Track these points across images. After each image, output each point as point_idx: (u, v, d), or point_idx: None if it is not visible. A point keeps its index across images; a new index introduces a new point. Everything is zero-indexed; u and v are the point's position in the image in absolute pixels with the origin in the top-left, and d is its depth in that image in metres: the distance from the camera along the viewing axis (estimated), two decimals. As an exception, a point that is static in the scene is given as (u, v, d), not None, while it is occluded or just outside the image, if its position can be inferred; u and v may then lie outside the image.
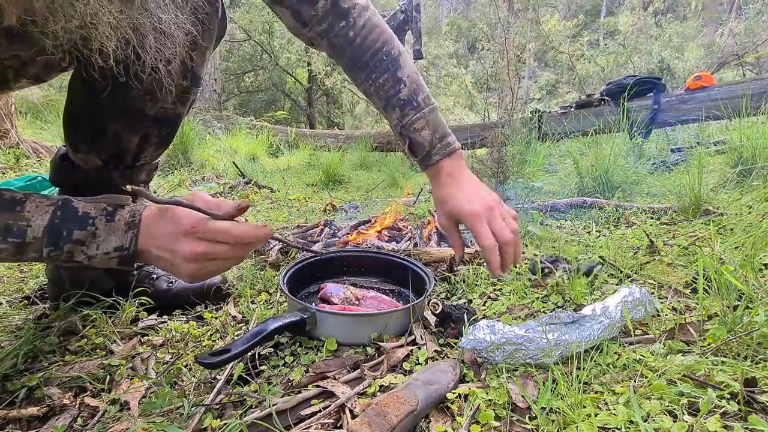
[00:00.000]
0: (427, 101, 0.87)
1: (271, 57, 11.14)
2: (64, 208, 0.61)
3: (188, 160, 3.70)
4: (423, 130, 0.85)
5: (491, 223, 0.80)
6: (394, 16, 4.46)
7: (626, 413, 0.55)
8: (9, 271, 1.32)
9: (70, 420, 0.66)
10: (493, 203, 0.82)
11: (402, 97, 0.86)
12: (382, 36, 0.87)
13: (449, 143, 0.87)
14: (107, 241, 0.62)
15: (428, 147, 0.86)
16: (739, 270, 0.91)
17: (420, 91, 0.87)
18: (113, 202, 0.64)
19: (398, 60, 0.87)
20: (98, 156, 0.89)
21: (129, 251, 0.63)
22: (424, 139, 0.86)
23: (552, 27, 13.77)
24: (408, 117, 0.86)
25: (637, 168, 2.40)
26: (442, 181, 0.87)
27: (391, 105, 0.87)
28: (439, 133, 0.87)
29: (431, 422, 0.60)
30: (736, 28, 9.99)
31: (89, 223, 0.61)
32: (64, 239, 0.60)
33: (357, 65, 0.88)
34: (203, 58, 0.86)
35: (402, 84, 0.86)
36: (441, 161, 0.87)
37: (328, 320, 0.82)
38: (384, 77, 0.86)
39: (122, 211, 0.63)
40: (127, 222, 0.63)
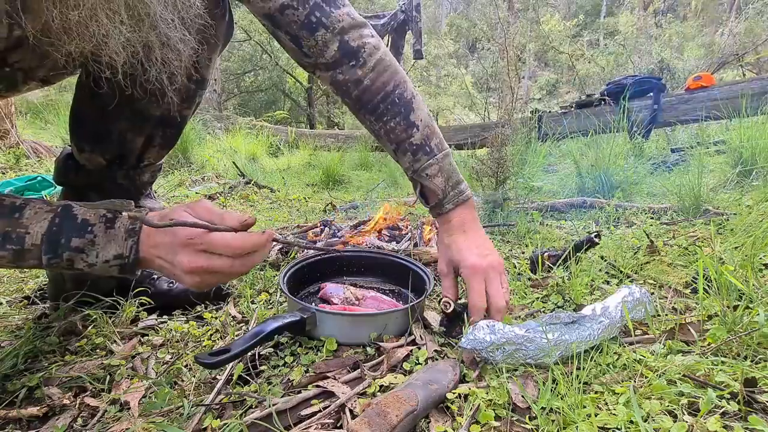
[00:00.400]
0: (441, 147, 0.85)
1: (271, 57, 11.15)
2: (63, 214, 0.60)
3: (188, 160, 3.70)
4: (436, 177, 0.84)
5: (489, 285, 0.79)
6: (394, 16, 4.46)
7: (626, 413, 0.55)
8: (9, 271, 1.32)
9: (70, 420, 0.66)
10: (497, 265, 0.81)
11: (414, 141, 0.83)
12: (394, 78, 0.84)
13: (462, 191, 0.86)
14: (106, 249, 0.61)
15: (441, 195, 0.85)
16: (739, 270, 0.91)
17: (433, 136, 0.85)
18: (114, 207, 0.62)
19: (411, 103, 0.84)
20: (102, 156, 0.90)
21: (129, 260, 0.61)
22: (437, 186, 0.84)
23: (552, 27, 13.77)
24: (420, 162, 0.84)
25: (637, 168, 2.40)
26: (451, 230, 0.86)
27: (402, 149, 0.85)
28: (452, 180, 0.85)
29: (431, 422, 0.60)
30: (736, 28, 9.99)
31: (88, 230, 0.60)
32: (62, 247, 0.59)
33: (366, 107, 0.86)
34: (210, 61, 0.87)
35: (415, 128, 0.83)
36: (453, 210, 0.85)
37: (328, 320, 0.82)
38: (395, 120, 0.84)
39: (122, 217, 0.62)
40: (127, 230, 0.61)
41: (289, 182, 3.55)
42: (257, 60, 12.23)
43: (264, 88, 12.83)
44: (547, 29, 13.19)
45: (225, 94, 11.72)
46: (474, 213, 0.87)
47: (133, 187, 0.98)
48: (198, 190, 2.79)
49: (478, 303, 0.78)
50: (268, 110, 11.60)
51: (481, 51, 14.94)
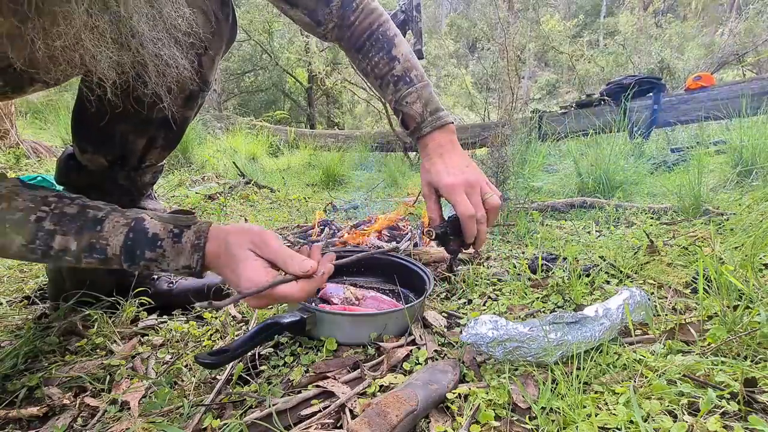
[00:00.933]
0: (420, 78, 0.89)
1: (271, 57, 11.15)
2: (136, 228, 0.66)
3: (188, 160, 3.70)
4: (414, 104, 0.87)
5: (469, 197, 0.81)
6: (395, 16, 4.46)
7: (626, 413, 0.55)
8: (9, 271, 1.32)
9: (70, 420, 0.66)
10: (474, 179, 0.82)
11: (396, 73, 0.88)
12: (378, 19, 0.91)
13: (440, 117, 0.88)
14: (176, 261, 0.67)
15: (419, 119, 0.87)
16: (739, 270, 0.91)
17: (413, 69, 0.89)
18: (179, 222, 0.68)
19: (393, 40, 0.90)
20: (104, 157, 0.90)
21: (196, 269, 0.68)
22: (415, 112, 0.87)
23: (552, 27, 13.77)
24: (401, 92, 0.88)
25: (637, 168, 2.40)
26: (430, 153, 0.88)
27: (385, 82, 0.90)
28: (430, 107, 0.88)
29: (431, 422, 0.60)
30: (736, 28, 9.99)
31: (158, 245, 0.66)
32: (138, 258, 0.66)
33: (355, 46, 0.92)
34: (212, 63, 0.87)
35: (396, 61, 0.88)
36: (431, 133, 0.88)
37: (328, 320, 0.82)
38: (379, 56, 0.89)
39: (188, 232, 0.68)
40: (193, 244, 0.67)
41: (289, 182, 3.55)
42: (257, 60, 12.22)
43: (264, 88, 12.82)
44: (547, 29, 13.18)
45: (225, 94, 11.71)
46: (452, 137, 0.89)
47: (134, 188, 0.98)
48: (198, 190, 2.79)
49: (465, 212, 0.80)
50: (268, 110, 11.58)
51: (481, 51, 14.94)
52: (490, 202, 0.82)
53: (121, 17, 0.56)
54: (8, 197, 0.63)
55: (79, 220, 0.65)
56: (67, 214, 0.65)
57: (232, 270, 0.65)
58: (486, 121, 5.33)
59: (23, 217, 0.63)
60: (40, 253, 0.64)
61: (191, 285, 1.06)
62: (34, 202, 0.64)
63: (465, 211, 0.80)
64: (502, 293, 1.06)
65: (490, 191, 0.83)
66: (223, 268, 0.67)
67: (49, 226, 0.64)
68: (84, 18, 0.54)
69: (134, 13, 0.57)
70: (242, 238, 0.66)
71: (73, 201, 0.66)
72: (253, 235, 0.67)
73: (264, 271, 0.64)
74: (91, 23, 0.55)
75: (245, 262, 0.64)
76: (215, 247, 0.67)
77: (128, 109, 0.81)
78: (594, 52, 12.81)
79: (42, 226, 0.63)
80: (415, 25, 4.43)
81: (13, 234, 0.62)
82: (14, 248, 0.63)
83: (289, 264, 0.65)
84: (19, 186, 0.66)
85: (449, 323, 0.92)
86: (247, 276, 0.63)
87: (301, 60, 10.82)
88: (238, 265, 0.65)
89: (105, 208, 0.68)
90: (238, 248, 0.66)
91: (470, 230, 0.80)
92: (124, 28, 0.58)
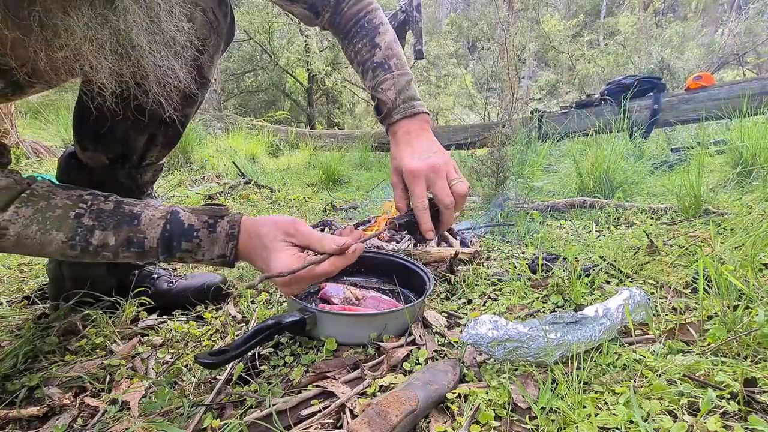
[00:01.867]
0: (399, 66, 0.89)
1: (271, 57, 11.15)
2: (173, 220, 0.69)
3: (188, 160, 3.70)
4: (389, 90, 0.87)
5: (432, 185, 0.79)
6: (394, 16, 4.46)
7: (626, 413, 0.55)
8: (9, 271, 1.32)
9: (70, 420, 0.66)
10: (439, 164, 0.80)
11: (376, 60, 0.89)
12: (367, 7, 0.92)
13: (413, 105, 0.87)
14: (211, 250, 0.70)
15: (390, 105, 0.87)
16: (739, 270, 0.91)
17: (394, 57, 0.89)
18: (214, 213, 0.72)
19: (378, 28, 0.91)
20: (105, 155, 0.91)
21: (230, 258, 0.71)
22: (387, 98, 0.87)
23: (552, 27, 13.76)
24: (378, 78, 0.88)
25: (637, 168, 2.40)
26: (398, 140, 0.86)
27: (365, 68, 0.90)
28: (404, 95, 0.87)
29: (431, 422, 0.60)
30: (736, 28, 9.98)
31: (194, 235, 0.70)
32: (175, 249, 0.69)
33: (342, 32, 0.94)
34: (212, 62, 0.88)
35: (377, 49, 0.89)
36: (401, 121, 0.86)
37: (328, 320, 0.82)
38: (362, 42, 0.90)
39: (222, 222, 0.71)
40: (227, 233, 0.70)
41: (289, 182, 3.55)
42: (257, 60, 12.22)
43: (264, 88, 12.82)
44: (547, 29, 13.18)
45: (225, 94, 11.71)
46: (423, 125, 0.87)
47: (135, 186, 0.98)
48: (198, 190, 2.79)
49: (417, 206, 0.80)
50: (268, 110, 11.58)
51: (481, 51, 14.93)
52: (457, 189, 0.80)
53: (120, 30, 0.58)
54: (46, 196, 0.65)
55: (116, 216, 0.67)
56: (104, 210, 0.67)
57: (263, 259, 0.69)
58: (486, 121, 5.33)
59: (63, 214, 0.65)
60: (79, 249, 0.66)
61: (191, 285, 1.06)
62: (71, 200, 0.66)
63: (418, 204, 0.79)
64: (502, 293, 1.06)
65: (457, 177, 0.81)
66: (255, 258, 0.70)
67: (89, 222, 0.66)
68: (84, 31, 0.56)
69: (133, 27, 0.59)
70: (274, 229, 0.70)
71: (108, 198, 0.69)
72: (286, 225, 0.70)
73: (294, 259, 0.68)
74: (91, 35, 0.57)
75: (277, 253, 0.68)
76: (247, 237, 0.70)
77: (128, 116, 0.82)
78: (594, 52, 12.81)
79: (82, 222, 0.65)
80: (415, 25, 4.43)
81: (54, 231, 0.64)
82: (54, 245, 0.65)
83: (324, 244, 0.69)
84: (53, 185, 0.67)
85: (449, 323, 0.92)
86: (277, 265, 0.67)
87: (301, 60, 10.83)
88: (270, 255, 0.68)
89: (138, 203, 0.70)
90: (271, 240, 0.69)
91: (424, 224, 0.80)
92: (124, 40, 0.60)
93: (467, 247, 1.31)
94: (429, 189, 0.80)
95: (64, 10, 0.54)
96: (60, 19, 0.54)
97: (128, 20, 0.58)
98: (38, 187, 0.65)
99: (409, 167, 0.80)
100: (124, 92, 0.68)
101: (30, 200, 0.64)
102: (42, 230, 0.63)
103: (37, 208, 0.64)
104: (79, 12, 0.55)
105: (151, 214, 0.69)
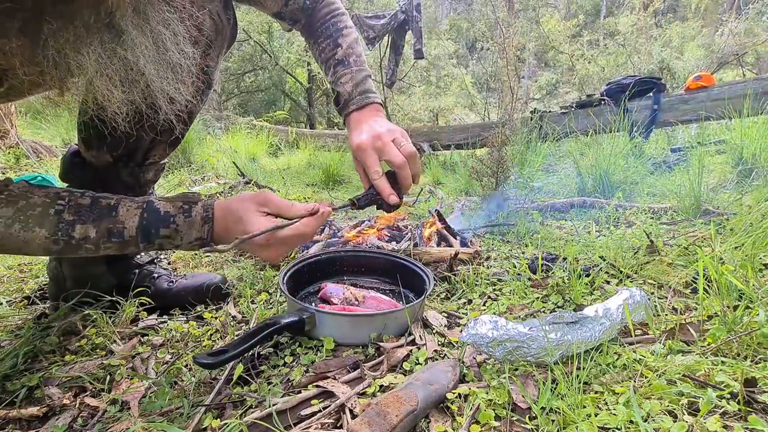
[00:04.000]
0: (358, 63, 0.95)
1: (271, 57, 11.14)
2: (148, 209, 0.72)
3: (188, 160, 3.70)
4: (347, 84, 0.93)
5: (381, 152, 0.84)
6: (394, 16, 4.46)
7: (626, 413, 0.55)
8: (9, 271, 1.32)
9: (70, 420, 0.66)
10: (382, 132, 0.85)
11: (337, 57, 0.95)
12: (333, 12, 0.98)
13: (368, 97, 0.93)
14: (189, 234, 0.73)
15: (347, 97, 0.93)
16: (739, 270, 0.91)
17: (353, 56, 0.95)
18: (188, 200, 0.75)
19: (342, 31, 0.97)
20: (110, 153, 0.91)
21: (207, 240, 0.74)
22: (345, 90, 0.93)
23: (552, 27, 13.76)
24: (338, 74, 0.94)
25: (637, 168, 2.40)
26: (352, 128, 0.91)
27: (328, 65, 0.96)
28: (361, 88, 0.93)
29: (431, 422, 0.60)
30: (736, 28, 9.98)
31: (171, 221, 0.72)
32: (153, 236, 0.72)
33: (308, 31, 1.00)
34: (216, 62, 0.90)
35: (339, 48, 0.95)
36: (355, 111, 0.92)
37: (328, 320, 0.82)
38: (326, 42, 0.96)
39: (197, 207, 0.74)
40: (203, 216, 0.73)
41: (289, 182, 3.54)
42: (257, 60, 12.21)
43: (264, 88, 12.81)
44: (547, 29, 13.17)
45: (225, 94, 11.70)
46: (374, 113, 0.92)
47: (137, 185, 0.99)
48: (198, 190, 2.79)
49: (372, 175, 0.85)
50: (269, 110, 11.58)
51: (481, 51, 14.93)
52: (405, 149, 0.84)
53: (129, 61, 0.61)
54: (24, 195, 0.67)
55: (95, 209, 0.70)
56: (83, 205, 0.69)
57: (241, 231, 0.71)
58: (486, 121, 5.33)
59: (43, 212, 0.67)
60: (62, 243, 0.68)
61: (191, 284, 1.06)
62: (49, 197, 0.68)
63: (373, 174, 0.85)
64: (502, 293, 1.06)
65: (404, 141, 0.86)
66: (232, 233, 0.73)
67: (69, 216, 0.68)
68: (95, 66, 0.58)
69: (141, 57, 0.61)
70: (245, 203, 0.73)
71: (84, 194, 0.71)
72: (255, 197, 0.74)
73: (270, 222, 0.71)
74: (101, 70, 0.59)
75: (251, 222, 0.71)
76: (222, 218, 0.74)
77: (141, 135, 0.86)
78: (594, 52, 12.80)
79: (63, 218, 0.67)
80: (415, 25, 4.42)
81: (37, 227, 0.66)
82: (38, 241, 0.66)
83: (294, 208, 0.74)
84: (29, 185, 0.69)
85: (449, 323, 0.92)
86: (255, 230, 0.70)
87: (301, 60, 10.82)
88: (245, 226, 0.71)
89: (114, 197, 0.72)
90: (244, 212, 0.72)
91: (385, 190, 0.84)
92: (132, 70, 0.62)
93: (467, 247, 1.31)
94: (381, 158, 0.85)
95: (77, 50, 0.56)
96: (72, 58, 0.57)
97: (136, 52, 0.60)
98: (15, 188, 0.67)
99: (356, 143, 0.86)
100: (135, 115, 0.71)
101: (9, 201, 0.65)
102: (25, 228, 0.65)
103: (18, 208, 0.65)
104: (90, 49, 0.57)
105: (127, 204, 0.71)
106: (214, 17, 0.82)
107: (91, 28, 0.56)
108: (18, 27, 0.54)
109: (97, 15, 0.55)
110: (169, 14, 0.64)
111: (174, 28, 0.65)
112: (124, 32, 0.58)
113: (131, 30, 0.58)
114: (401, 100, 11.14)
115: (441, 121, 11.04)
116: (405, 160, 0.84)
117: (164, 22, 0.63)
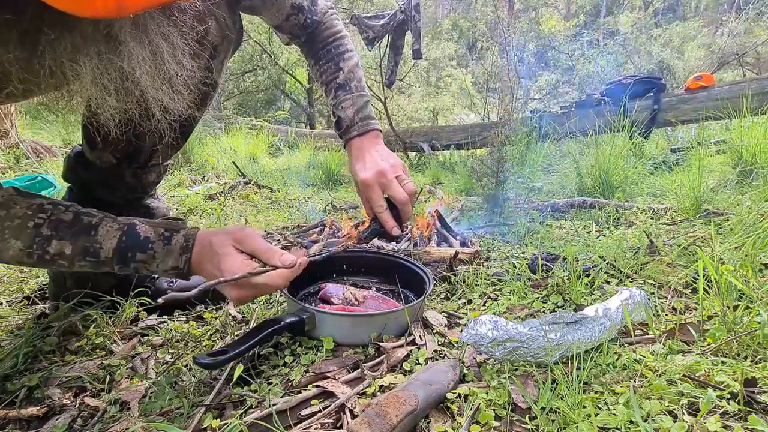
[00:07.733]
0: (359, 88, 0.97)
1: (271, 57, 11.14)
2: (129, 232, 0.72)
3: (188, 160, 3.70)
4: (348, 109, 0.96)
5: (387, 189, 0.89)
6: (394, 16, 4.46)
7: (626, 413, 0.55)
8: (9, 271, 1.32)
9: (70, 420, 0.66)
10: (387, 169, 0.89)
11: (338, 81, 0.97)
12: (336, 35, 1.00)
13: (369, 123, 0.96)
14: (165, 262, 0.73)
15: (348, 122, 0.95)
16: (739, 270, 0.91)
17: (355, 80, 0.98)
18: (170, 227, 0.74)
19: (343, 54, 0.99)
20: (113, 154, 0.92)
21: (184, 270, 0.74)
22: (346, 116, 0.96)
23: (552, 27, 13.76)
24: (339, 98, 0.97)
25: (637, 168, 2.40)
26: (353, 155, 0.95)
27: (329, 88, 0.98)
28: (362, 114, 0.96)
29: (431, 422, 0.60)
30: (736, 28, 9.98)
31: (149, 247, 0.72)
32: (129, 260, 0.71)
33: (310, 52, 1.01)
34: (221, 66, 0.90)
35: (340, 72, 0.98)
36: (356, 138, 0.95)
37: (327, 321, 0.82)
38: (328, 65, 0.98)
39: (178, 235, 0.74)
40: (182, 246, 0.73)
41: (289, 182, 3.54)
42: (257, 60, 12.20)
43: (264, 88, 12.80)
44: (547, 29, 13.17)
45: (225, 94, 11.70)
46: (374, 140, 0.96)
47: (140, 186, 0.99)
48: (198, 190, 2.79)
49: (377, 210, 0.90)
50: (268, 110, 11.58)
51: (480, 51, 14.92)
52: (407, 188, 0.89)
53: (124, 71, 0.61)
54: (6, 205, 0.67)
55: (74, 226, 0.70)
56: (63, 221, 0.69)
57: (215, 266, 0.72)
58: (486, 121, 5.33)
59: (22, 224, 0.67)
60: (36, 257, 0.68)
61: (190, 284, 1.06)
62: (31, 209, 0.68)
63: (377, 209, 0.89)
64: (502, 293, 1.06)
65: (406, 178, 0.90)
66: (208, 267, 0.73)
67: (47, 231, 0.68)
68: (92, 75, 0.59)
69: (137, 67, 0.61)
70: (224, 237, 0.73)
71: (68, 208, 0.71)
72: (234, 233, 0.74)
73: (243, 264, 0.71)
74: (96, 80, 0.60)
75: (226, 257, 0.71)
76: (200, 249, 0.73)
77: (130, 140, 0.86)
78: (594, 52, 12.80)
79: (40, 232, 0.68)
80: (414, 25, 4.42)
81: (12, 239, 0.66)
82: (11, 252, 0.67)
83: (270, 256, 0.73)
84: (14, 194, 0.69)
85: (449, 323, 0.92)
86: (227, 268, 0.70)
87: (301, 60, 10.82)
88: (220, 261, 0.71)
89: (98, 214, 0.72)
90: (220, 246, 0.72)
91: (388, 223, 0.89)
92: (128, 80, 0.63)
93: (467, 247, 1.31)
94: (384, 192, 0.90)
95: (74, 59, 0.57)
96: (69, 68, 0.57)
97: (132, 62, 0.61)
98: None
99: (362, 179, 0.90)
100: (127, 122, 0.71)
101: None
102: (0, 238, 0.66)
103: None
104: (87, 58, 0.57)
105: (108, 225, 0.71)
106: (220, 22, 0.83)
107: (89, 38, 0.56)
108: (17, 38, 0.55)
109: (96, 26, 0.56)
110: (168, 28, 0.64)
111: (173, 41, 0.65)
112: (122, 43, 0.58)
113: (129, 41, 0.59)
114: (401, 100, 11.14)
115: (441, 121, 11.04)
116: (408, 197, 0.89)
117: (163, 35, 0.63)
